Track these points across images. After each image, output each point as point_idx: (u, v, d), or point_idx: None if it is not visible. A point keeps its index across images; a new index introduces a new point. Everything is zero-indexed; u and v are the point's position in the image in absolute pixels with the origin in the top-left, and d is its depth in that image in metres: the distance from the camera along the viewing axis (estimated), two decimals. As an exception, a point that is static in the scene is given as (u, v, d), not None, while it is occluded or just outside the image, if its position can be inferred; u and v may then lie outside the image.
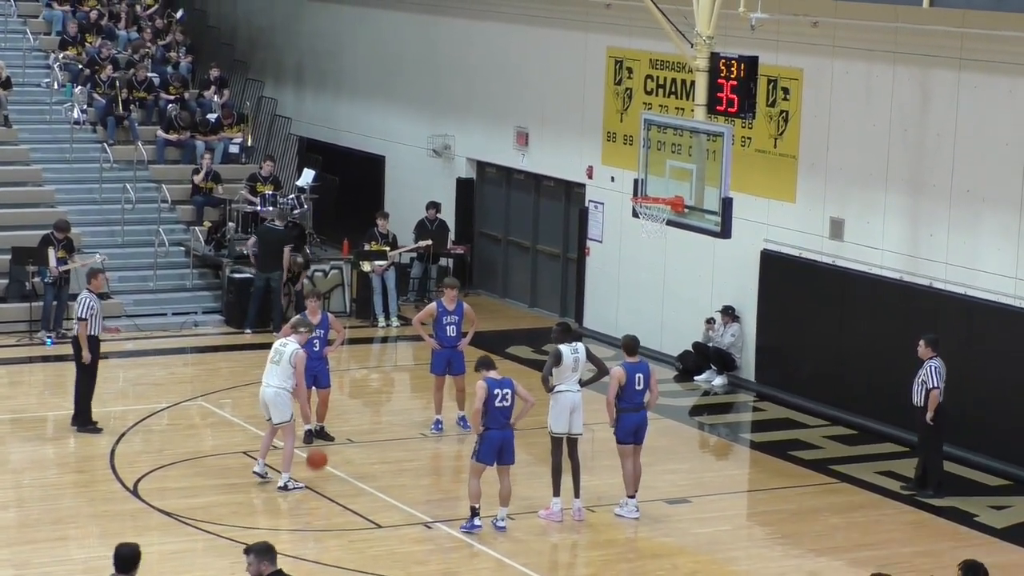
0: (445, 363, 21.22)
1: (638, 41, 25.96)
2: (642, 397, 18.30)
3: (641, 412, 18.34)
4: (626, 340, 18.62)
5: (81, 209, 29.23)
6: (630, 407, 18.24)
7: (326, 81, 35.01)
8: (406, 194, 31.55)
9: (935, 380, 19.40)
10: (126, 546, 12.00)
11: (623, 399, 18.20)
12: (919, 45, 21.63)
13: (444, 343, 21.18)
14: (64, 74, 32.37)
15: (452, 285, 21.47)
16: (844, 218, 22.97)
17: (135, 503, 18.50)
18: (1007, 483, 20.24)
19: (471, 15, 30.11)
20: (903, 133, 22.05)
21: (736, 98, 20.02)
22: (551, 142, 28.44)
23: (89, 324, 20.77)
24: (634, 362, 18.34)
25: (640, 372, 18.28)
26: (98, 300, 21.17)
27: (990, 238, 20.91)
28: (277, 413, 18.81)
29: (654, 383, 18.44)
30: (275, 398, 18.78)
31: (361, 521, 18.08)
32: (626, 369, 18.22)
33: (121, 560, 11.87)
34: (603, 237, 27.26)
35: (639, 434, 18.39)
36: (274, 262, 27.04)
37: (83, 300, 21.00)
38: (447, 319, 21.18)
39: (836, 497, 19.56)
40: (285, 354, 18.80)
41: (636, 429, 18.33)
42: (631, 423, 18.28)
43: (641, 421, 18.36)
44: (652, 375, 18.44)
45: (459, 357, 21.28)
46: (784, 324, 23.98)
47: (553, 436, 18.36)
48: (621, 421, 18.27)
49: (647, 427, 18.51)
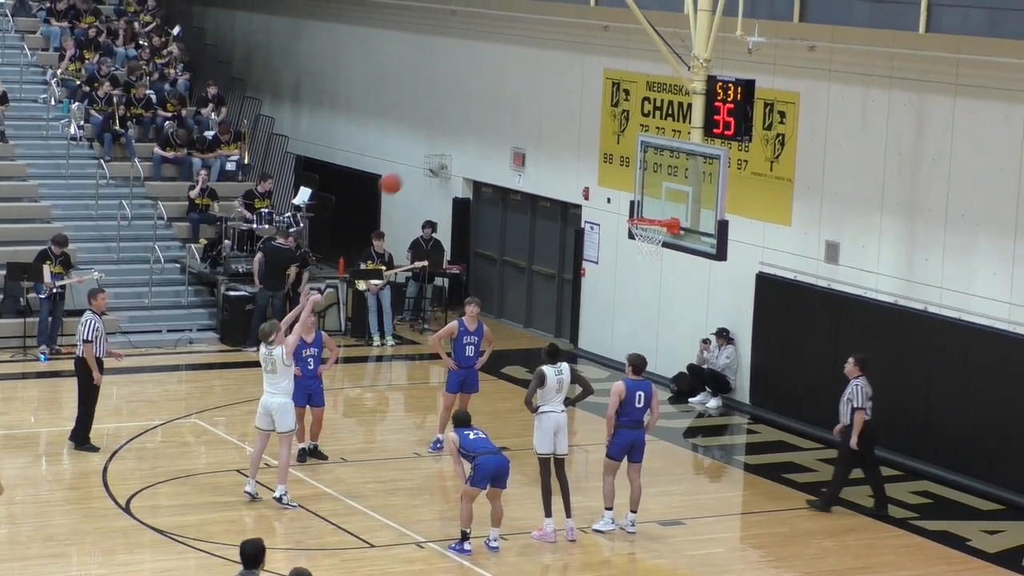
0: (459, 382, 21.14)
1: (635, 63, 26.01)
2: (641, 415, 18.31)
3: (638, 431, 18.35)
4: (634, 358, 18.57)
5: (77, 225, 29.22)
6: (628, 423, 18.25)
7: (323, 100, 35.06)
8: (402, 213, 31.56)
9: (860, 400, 19.47)
10: (249, 542, 12.16)
11: (622, 414, 18.21)
12: (915, 70, 21.68)
13: (461, 363, 21.09)
14: (61, 90, 32.41)
15: (475, 304, 21.31)
16: (839, 241, 23.00)
17: (127, 520, 18.47)
18: (1000, 507, 20.23)
19: (469, 35, 30.17)
20: (899, 157, 22.09)
21: (733, 121, 20.09)
22: (548, 163, 28.48)
23: (95, 346, 20.73)
24: (637, 380, 18.35)
25: (642, 390, 18.29)
26: (101, 321, 21.06)
27: (985, 263, 20.94)
28: (282, 421, 18.83)
29: (655, 404, 18.45)
30: (283, 409, 18.82)
31: (354, 540, 18.06)
32: (627, 385, 18.23)
33: (247, 557, 12.03)
34: (599, 258, 27.27)
35: (634, 453, 18.40)
36: (279, 281, 27.02)
37: (87, 322, 20.80)
38: (467, 339, 21.08)
39: (829, 520, 19.55)
40: (276, 359, 18.79)
41: (631, 447, 18.33)
42: (626, 440, 18.29)
43: (637, 439, 18.36)
44: (654, 396, 18.45)
45: (474, 376, 21.21)
46: (779, 347, 24.00)
47: (539, 457, 18.36)
48: (616, 436, 18.29)
49: (644, 447, 18.52)
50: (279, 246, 27.32)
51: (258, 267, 27.21)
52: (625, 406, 18.20)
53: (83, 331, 20.75)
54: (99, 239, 29.24)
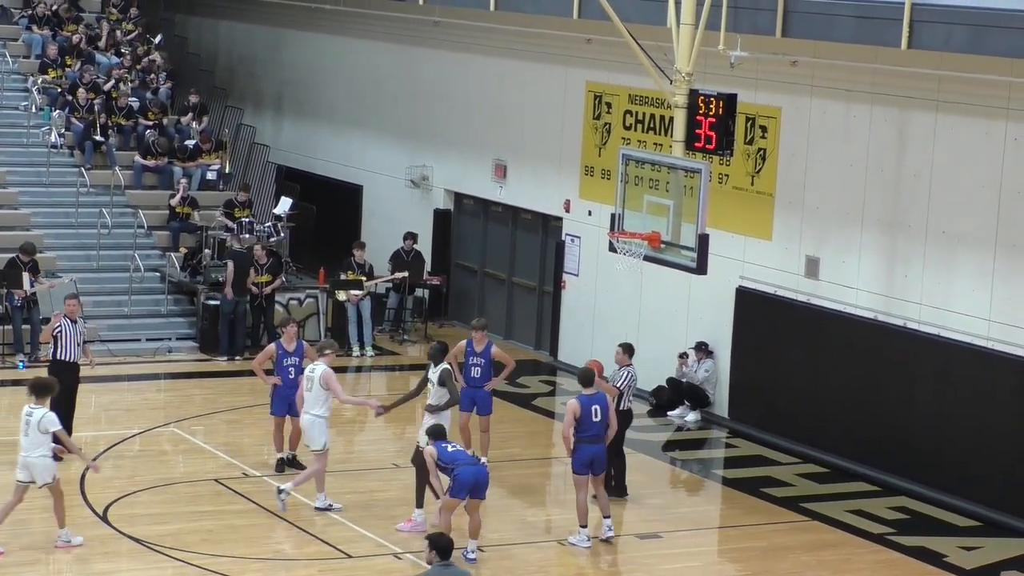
0: (471, 400, 21.11)
1: (617, 76, 26.04)
2: (600, 428, 18.37)
3: (599, 444, 18.40)
4: (582, 372, 18.79)
5: (57, 233, 29.17)
6: (588, 438, 18.30)
7: (305, 110, 35.04)
8: (383, 224, 31.55)
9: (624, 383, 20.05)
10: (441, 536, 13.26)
11: (580, 430, 18.27)
12: (897, 86, 21.73)
13: (469, 383, 21.09)
14: (43, 97, 32.35)
15: (480, 327, 21.22)
16: (820, 257, 23.03)
17: (104, 529, 18.42)
18: (977, 524, 20.26)
19: (451, 47, 30.17)
20: (880, 173, 22.13)
21: (714, 135, 20.10)
22: (529, 175, 28.49)
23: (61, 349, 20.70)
24: (590, 394, 18.40)
25: (597, 404, 18.35)
26: (73, 326, 20.99)
27: (965, 279, 20.98)
28: (313, 440, 19.03)
29: (612, 415, 18.53)
30: (311, 427, 19.02)
31: (331, 551, 18.03)
32: (581, 402, 18.29)
33: (441, 549, 13.02)
34: (579, 271, 27.28)
35: (595, 466, 18.44)
36: (243, 286, 27.08)
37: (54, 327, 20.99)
38: (473, 359, 21.07)
39: (807, 535, 19.57)
40: (315, 379, 18.97)
41: (592, 460, 18.38)
42: (587, 454, 18.34)
43: (597, 453, 18.40)
44: (609, 407, 18.51)
45: (484, 397, 21.14)
46: (758, 361, 24.01)
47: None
48: (577, 452, 18.34)
49: (605, 460, 18.61)
50: (239, 251, 27.43)
51: (230, 274, 27.23)
52: (583, 422, 18.27)
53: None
54: (79, 247, 29.20)
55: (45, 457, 17.37)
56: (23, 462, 17.48)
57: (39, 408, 17.40)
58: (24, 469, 17.49)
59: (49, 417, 17.34)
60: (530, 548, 18.59)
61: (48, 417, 17.32)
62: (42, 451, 17.34)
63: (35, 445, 17.34)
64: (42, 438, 17.32)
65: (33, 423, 17.32)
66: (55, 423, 17.39)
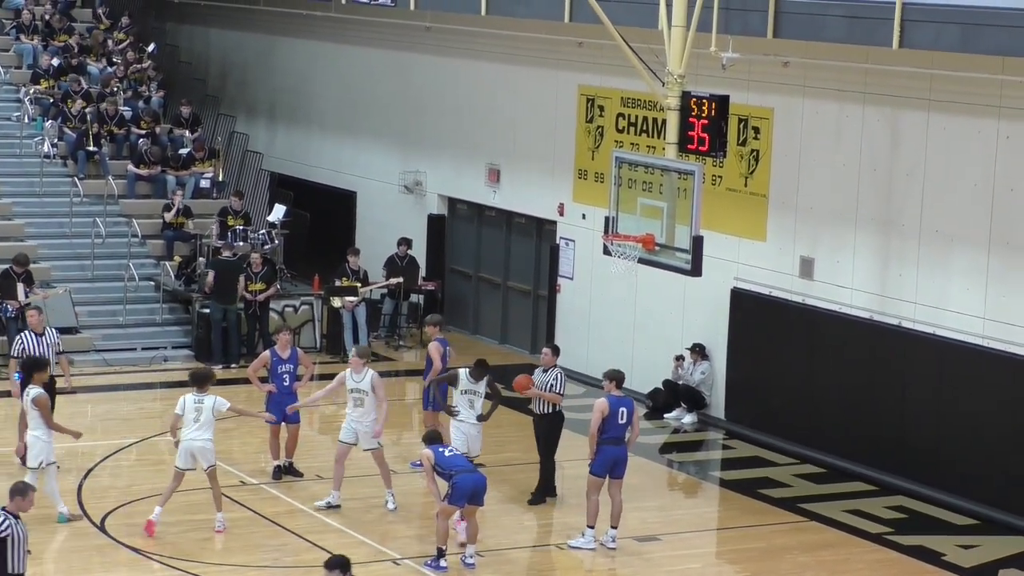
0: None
1: (610, 79, 26.05)
2: (623, 431, 18.36)
3: (621, 447, 18.39)
4: (615, 373, 18.72)
5: (51, 243, 29.16)
6: (611, 440, 18.28)
7: (298, 117, 35.03)
8: (377, 230, 31.55)
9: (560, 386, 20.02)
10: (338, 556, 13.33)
11: (605, 431, 18.24)
12: (889, 86, 21.75)
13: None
14: (35, 108, 32.32)
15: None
16: (814, 257, 23.04)
17: (102, 539, 18.40)
18: (974, 522, 20.27)
19: (443, 52, 30.18)
20: (873, 173, 22.15)
21: (707, 137, 20.12)
22: (523, 179, 28.49)
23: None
24: (619, 396, 18.38)
25: (624, 406, 18.34)
26: (37, 337, 21.03)
27: (959, 278, 20.99)
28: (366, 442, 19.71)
29: (636, 420, 18.54)
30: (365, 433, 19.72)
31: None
32: (610, 401, 18.28)
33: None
34: (574, 274, 27.29)
35: (616, 469, 18.41)
36: (230, 294, 27.06)
37: (16, 340, 21.23)
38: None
39: (805, 535, 19.57)
40: (365, 387, 19.45)
41: (614, 463, 18.35)
42: (609, 456, 18.32)
43: (620, 455, 18.39)
44: (635, 412, 18.52)
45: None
46: (754, 362, 24.03)
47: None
48: (600, 453, 18.30)
49: (627, 462, 18.56)
50: (226, 259, 27.43)
51: (210, 283, 27.22)
52: (608, 422, 18.23)
53: (12, 349, 21.30)
54: (73, 257, 29.17)
55: (211, 441, 18.51)
56: (187, 448, 18.47)
57: (207, 395, 18.53)
58: (186, 456, 18.51)
59: (220, 401, 18.58)
60: (529, 552, 18.60)
61: (219, 401, 18.56)
62: (210, 435, 18.49)
63: (205, 430, 18.43)
64: (213, 423, 18.52)
65: (206, 409, 18.44)
66: (226, 404, 18.64)
